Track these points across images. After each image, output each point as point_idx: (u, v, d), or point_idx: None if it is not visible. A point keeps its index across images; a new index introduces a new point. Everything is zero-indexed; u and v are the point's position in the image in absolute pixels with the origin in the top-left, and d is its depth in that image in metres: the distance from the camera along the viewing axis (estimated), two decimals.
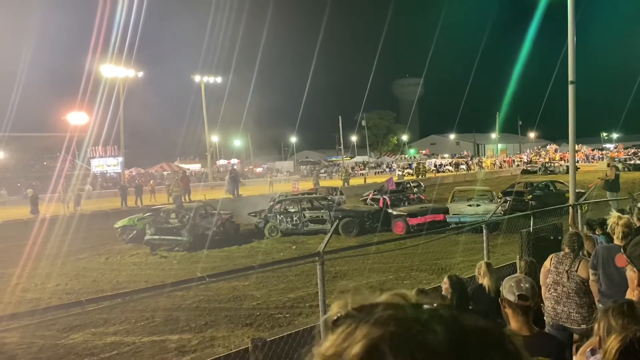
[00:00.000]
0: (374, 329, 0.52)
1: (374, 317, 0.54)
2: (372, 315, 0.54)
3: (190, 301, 10.03)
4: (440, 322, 0.52)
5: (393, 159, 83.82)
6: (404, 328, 0.52)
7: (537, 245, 8.00)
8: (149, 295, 7.56)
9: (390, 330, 0.51)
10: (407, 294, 0.59)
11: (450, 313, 0.55)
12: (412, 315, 0.54)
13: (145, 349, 7.89)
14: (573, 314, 4.84)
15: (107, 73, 43.06)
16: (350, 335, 0.53)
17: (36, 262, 14.74)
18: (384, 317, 0.54)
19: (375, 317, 0.54)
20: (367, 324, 0.53)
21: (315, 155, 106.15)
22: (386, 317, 0.53)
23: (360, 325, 0.53)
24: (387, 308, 0.55)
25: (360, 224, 18.08)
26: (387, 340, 0.50)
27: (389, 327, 0.52)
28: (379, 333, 0.51)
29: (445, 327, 0.52)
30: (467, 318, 0.54)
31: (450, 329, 0.52)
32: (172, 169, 63.86)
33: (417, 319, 0.53)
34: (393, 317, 0.53)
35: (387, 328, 0.52)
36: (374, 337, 0.51)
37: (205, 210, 19.07)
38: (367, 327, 0.53)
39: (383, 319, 0.53)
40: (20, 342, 8.11)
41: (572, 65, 10.49)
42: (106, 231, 20.14)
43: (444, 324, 0.52)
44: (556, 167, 52.13)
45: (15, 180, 50.09)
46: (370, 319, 0.54)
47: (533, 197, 21.14)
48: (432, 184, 37.88)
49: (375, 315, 0.54)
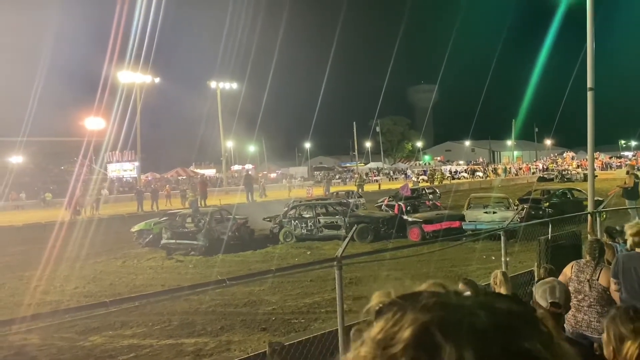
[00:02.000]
0: (422, 314, 0.56)
1: (421, 304, 0.58)
2: (419, 302, 0.58)
3: (206, 305, 10.08)
4: (482, 307, 0.56)
5: (407, 166, 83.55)
6: (450, 312, 0.56)
7: (555, 253, 7.93)
8: (171, 297, 7.65)
9: (438, 315, 0.55)
10: (446, 283, 0.64)
11: (489, 299, 0.59)
12: (455, 301, 0.58)
13: (162, 352, 7.94)
14: (594, 322, 4.79)
15: (124, 79, 43.65)
16: (399, 321, 0.56)
17: (55, 264, 14.92)
18: (430, 303, 0.57)
19: (422, 304, 0.57)
20: (414, 310, 0.57)
21: (330, 161, 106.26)
22: (433, 303, 0.57)
23: (408, 311, 0.57)
24: (431, 295, 0.59)
25: (375, 230, 18.03)
26: (436, 324, 0.54)
27: (437, 312, 0.56)
28: (427, 317, 0.55)
29: (487, 311, 0.56)
30: (504, 302, 0.59)
31: (492, 313, 0.56)
32: (188, 174, 64.34)
33: (462, 304, 0.57)
34: (439, 303, 0.57)
35: (435, 313, 0.56)
36: (423, 321, 0.55)
37: (220, 215, 19.18)
38: (415, 312, 0.56)
39: (430, 305, 0.57)
40: (40, 344, 8.22)
41: (591, 72, 10.40)
42: (123, 235, 20.34)
43: (486, 309, 0.56)
44: (573, 174, 51.58)
45: (33, 184, 50.84)
46: (416, 305, 0.57)
47: (550, 204, 20.94)
48: (448, 190, 37.68)
49: (421, 302, 0.58)
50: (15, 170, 50.18)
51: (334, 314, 8.39)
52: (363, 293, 10.80)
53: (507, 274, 5.47)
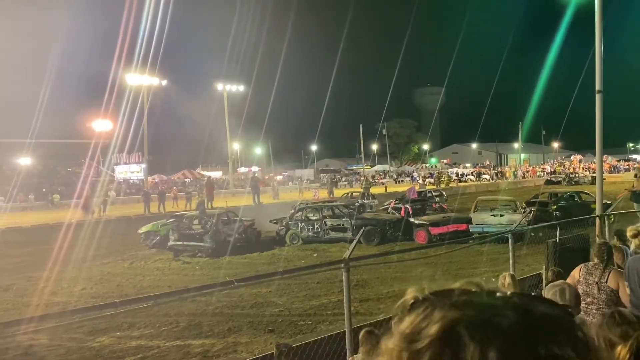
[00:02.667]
0: (451, 312, 0.56)
1: (451, 301, 0.58)
2: (449, 299, 0.59)
3: (213, 307, 10.10)
4: (513, 308, 0.56)
5: (414, 168, 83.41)
6: (478, 311, 0.56)
7: (564, 256, 7.89)
8: (179, 298, 7.66)
9: (466, 313, 0.55)
10: (481, 282, 0.63)
11: (523, 300, 0.59)
12: (486, 300, 0.58)
13: (169, 353, 7.98)
14: None
15: (131, 81, 43.86)
16: (428, 317, 0.57)
17: (63, 266, 15.00)
18: (460, 301, 0.58)
19: (452, 301, 0.58)
20: (444, 307, 0.57)
21: (336, 163, 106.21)
22: (462, 302, 0.58)
23: (437, 308, 0.58)
24: (463, 293, 0.60)
25: (382, 233, 18.01)
26: (463, 322, 0.54)
27: (465, 310, 0.56)
28: (455, 315, 0.55)
29: (517, 312, 0.56)
30: (539, 305, 0.58)
31: (521, 314, 0.55)
32: (194, 176, 64.52)
33: (491, 304, 0.57)
34: (468, 302, 0.58)
35: (463, 311, 0.56)
36: (451, 318, 0.55)
37: (227, 217, 19.23)
38: (444, 309, 0.57)
39: (459, 303, 0.57)
40: (48, 344, 8.27)
41: (599, 74, 10.36)
42: (130, 236, 20.42)
43: (516, 310, 0.56)
44: (581, 177, 51.31)
45: (41, 185, 51.15)
46: (447, 302, 0.58)
47: (558, 207, 20.84)
48: (454, 193, 37.59)
49: (452, 299, 0.58)
50: (23, 171, 50.48)
51: (341, 316, 8.39)
52: (370, 295, 10.81)
53: (515, 276, 5.46)
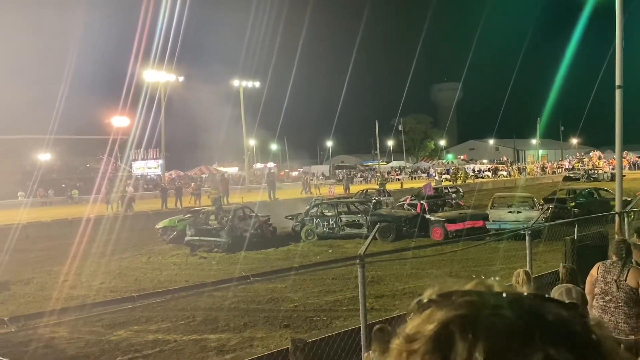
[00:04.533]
0: (448, 312, 0.57)
1: (453, 302, 0.58)
2: (451, 300, 0.59)
3: (229, 301, 10.18)
4: (512, 308, 0.55)
5: (430, 164, 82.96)
6: (473, 311, 0.56)
7: (582, 254, 7.82)
8: (195, 292, 7.75)
9: (461, 313, 0.56)
10: (491, 283, 0.62)
11: (530, 301, 0.57)
12: (488, 300, 0.58)
13: (186, 347, 8.06)
14: (621, 323, 4.72)
15: (149, 78, 44.23)
16: (430, 318, 0.58)
17: (82, 260, 15.23)
18: (461, 301, 0.58)
19: (454, 302, 0.58)
20: (444, 308, 0.58)
21: (351, 159, 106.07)
22: (463, 302, 0.58)
23: (439, 309, 0.58)
24: (464, 294, 0.60)
25: (398, 229, 17.97)
26: (456, 322, 0.55)
27: (460, 310, 0.56)
28: (450, 315, 0.56)
29: (517, 313, 0.54)
30: (546, 306, 0.57)
31: (521, 315, 0.54)
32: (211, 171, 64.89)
33: (491, 304, 0.57)
34: (466, 302, 0.58)
35: (459, 311, 0.56)
36: (446, 318, 0.56)
37: (243, 213, 19.35)
38: (444, 310, 0.57)
39: (458, 304, 0.58)
40: (68, 337, 8.42)
41: (619, 69, 10.21)
42: (147, 232, 20.65)
43: (517, 310, 0.55)
44: (600, 174, 50.58)
45: (60, 181, 51.89)
46: (448, 303, 0.58)
47: (576, 204, 20.59)
48: (471, 189, 37.33)
49: (453, 300, 0.59)
50: (43, 167, 51.24)
51: (356, 312, 8.41)
52: (385, 292, 10.80)
53: (529, 273, 5.42)
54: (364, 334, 4.97)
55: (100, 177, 39.04)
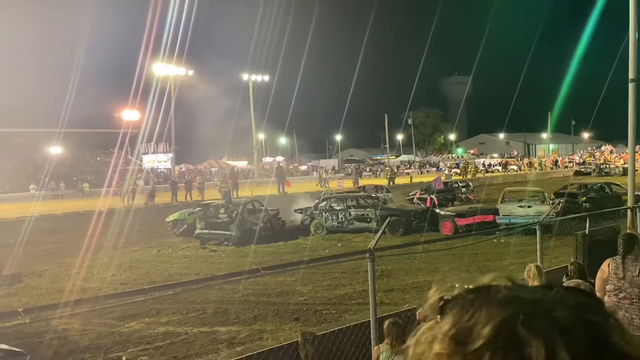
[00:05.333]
0: (500, 309, 0.54)
1: (496, 298, 0.56)
2: (492, 296, 0.56)
3: (239, 294, 10.24)
4: (561, 302, 0.55)
5: (440, 158, 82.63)
6: (531, 308, 0.54)
7: (593, 249, 7.77)
8: (205, 285, 7.80)
9: (520, 310, 0.53)
10: (512, 276, 0.61)
11: (563, 293, 0.57)
12: (532, 295, 0.56)
13: (196, 339, 8.13)
14: (636, 320, 4.68)
15: (159, 71, 44.37)
16: (474, 316, 0.55)
17: (93, 252, 15.37)
18: (507, 297, 0.56)
19: (497, 298, 0.56)
20: (489, 305, 0.55)
21: (360, 153, 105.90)
22: (510, 298, 0.55)
23: (483, 306, 0.55)
24: (505, 289, 0.57)
25: (407, 224, 17.94)
26: (519, 320, 0.52)
27: (517, 307, 0.54)
28: (507, 312, 0.53)
29: (566, 306, 0.54)
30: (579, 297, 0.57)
31: (571, 307, 0.54)
32: (220, 165, 65.12)
33: (539, 299, 0.55)
34: (515, 297, 0.56)
35: (515, 308, 0.54)
36: (505, 316, 0.53)
37: (252, 206, 19.41)
38: (491, 307, 0.54)
39: (507, 300, 0.55)
40: (80, 329, 8.52)
41: (633, 62, 10.10)
42: (158, 225, 20.78)
43: (564, 304, 0.54)
44: (611, 168, 50.14)
45: (71, 174, 52.31)
46: (490, 299, 0.56)
47: (587, 199, 20.45)
48: (481, 184, 37.17)
49: (496, 296, 0.56)
50: (54, 160, 51.64)
51: (365, 306, 8.43)
52: (394, 286, 10.82)
53: (541, 267, 5.40)
54: (373, 327, 4.99)
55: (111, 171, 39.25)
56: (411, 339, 0.61)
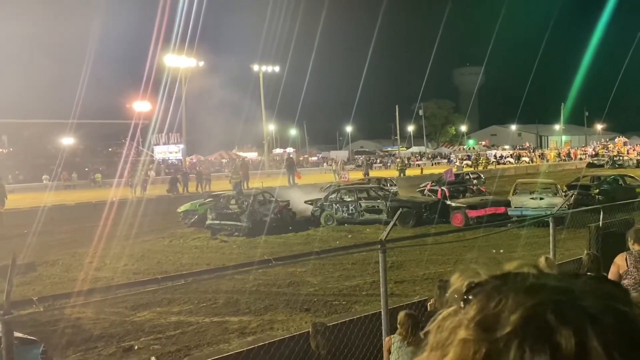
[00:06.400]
0: (529, 297, 0.53)
1: (525, 285, 0.55)
2: (520, 283, 0.55)
3: (250, 285, 10.30)
4: (590, 291, 0.54)
5: (451, 150, 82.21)
6: (559, 295, 0.53)
7: (606, 241, 7.70)
8: (216, 276, 7.84)
9: (550, 298, 0.53)
10: (537, 264, 0.61)
11: (591, 282, 0.56)
12: (561, 284, 0.55)
13: (208, 329, 8.19)
14: None
15: (170, 63, 44.50)
16: (501, 303, 0.54)
17: (106, 242, 15.51)
18: (536, 285, 0.55)
19: (526, 285, 0.55)
20: (517, 292, 0.54)
21: (371, 145, 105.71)
22: (539, 285, 0.54)
23: (510, 292, 0.54)
24: (534, 277, 0.56)
25: (418, 215, 17.90)
26: (549, 307, 0.51)
27: (547, 295, 0.53)
28: (537, 300, 0.53)
29: (595, 295, 0.53)
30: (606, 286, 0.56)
31: (599, 296, 0.53)
32: (231, 156, 65.29)
33: (568, 288, 0.54)
34: (543, 285, 0.55)
35: (544, 295, 0.53)
36: (533, 303, 0.52)
37: (263, 197, 19.45)
38: (519, 294, 0.54)
39: (536, 287, 0.54)
40: (93, 318, 8.62)
41: None
42: (169, 215, 20.91)
43: (594, 293, 0.54)
44: (625, 160, 49.63)
45: (83, 165, 52.73)
46: (518, 286, 0.55)
47: (600, 191, 20.26)
48: (492, 176, 36.95)
49: (524, 283, 0.55)
50: (66, 151, 52.06)
51: (375, 297, 8.45)
52: (405, 277, 10.82)
53: (552, 260, 5.36)
54: (385, 318, 4.99)
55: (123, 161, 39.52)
56: (431, 325, 0.60)
